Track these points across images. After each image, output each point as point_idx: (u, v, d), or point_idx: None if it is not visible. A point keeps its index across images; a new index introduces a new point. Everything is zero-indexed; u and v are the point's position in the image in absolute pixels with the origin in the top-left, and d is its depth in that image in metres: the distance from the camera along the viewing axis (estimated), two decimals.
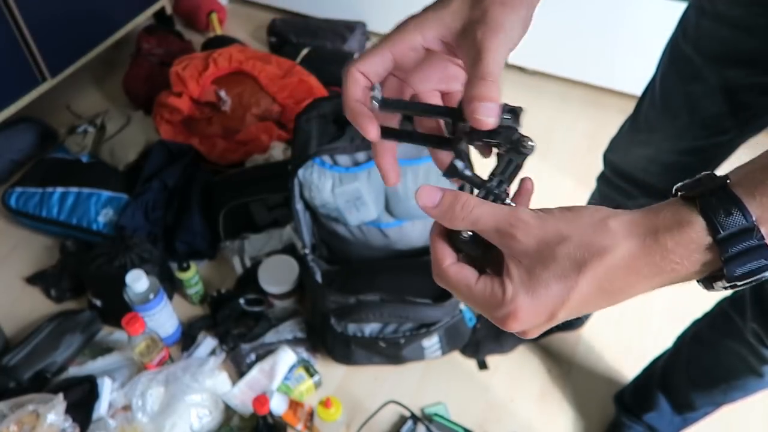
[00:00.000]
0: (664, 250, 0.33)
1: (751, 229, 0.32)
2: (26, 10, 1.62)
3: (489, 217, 0.36)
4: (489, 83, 0.37)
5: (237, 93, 1.82)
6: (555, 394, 1.39)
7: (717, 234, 0.32)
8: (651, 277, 0.34)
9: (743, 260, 0.32)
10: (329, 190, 1.24)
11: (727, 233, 0.32)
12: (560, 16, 1.95)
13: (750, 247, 0.32)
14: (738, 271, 0.32)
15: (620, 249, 0.33)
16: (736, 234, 0.32)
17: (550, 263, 0.34)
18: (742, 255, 0.32)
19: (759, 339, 0.88)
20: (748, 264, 0.32)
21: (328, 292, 1.25)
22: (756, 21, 0.70)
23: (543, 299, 0.34)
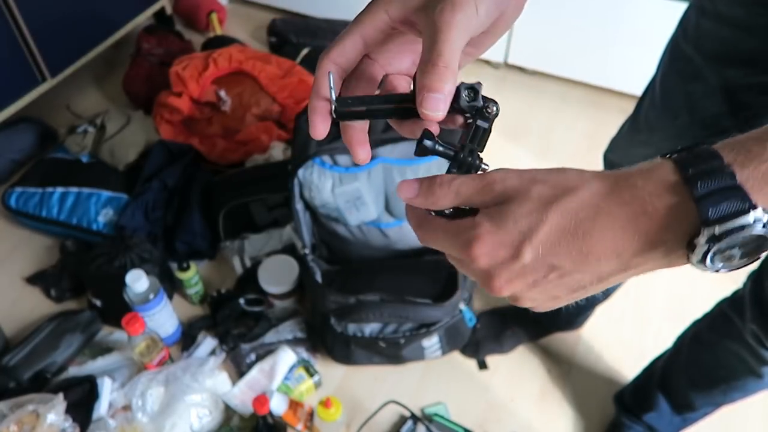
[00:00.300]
0: (634, 187, 0.32)
1: (721, 167, 0.31)
2: (26, 10, 1.62)
3: (469, 183, 0.36)
4: (439, 70, 0.35)
5: (237, 93, 1.82)
6: (555, 394, 1.39)
7: (686, 171, 0.31)
8: (623, 223, 0.32)
9: (716, 199, 0.31)
10: (329, 190, 1.24)
11: (696, 170, 0.31)
12: (560, 16, 1.95)
13: (722, 187, 0.31)
14: (712, 212, 0.31)
15: (591, 186, 0.33)
16: (705, 172, 0.31)
17: (522, 201, 0.34)
18: (714, 194, 0.31)
19: (758, 340, 0.88)
20: (722, 204, 0.31)
21: (328, 292, 1.25)
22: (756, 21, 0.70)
23: (510, 228, 0.34)
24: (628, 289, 1.36)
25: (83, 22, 1.83)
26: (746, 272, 0.93)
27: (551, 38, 2.02)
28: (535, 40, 2.06)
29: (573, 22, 1.94)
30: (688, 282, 1.60)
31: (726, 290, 1.01)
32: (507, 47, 2.10)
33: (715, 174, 0.31)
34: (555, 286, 0.36)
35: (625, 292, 1.42)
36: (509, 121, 2.03)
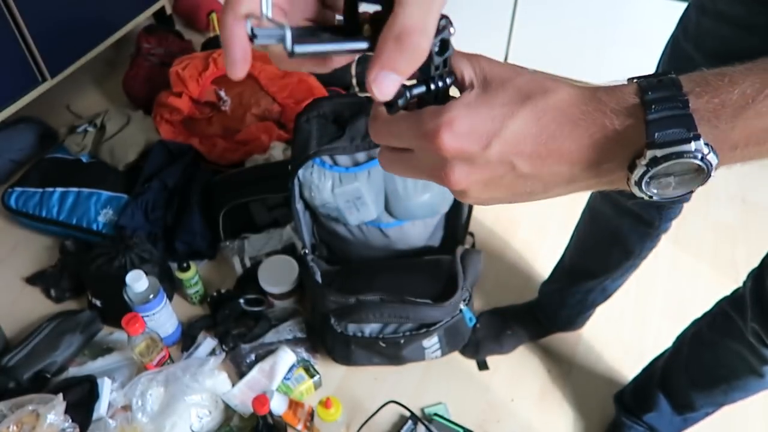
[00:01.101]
0: (598, 101, 0.33)
1: (676, 96, 0.32)
2: (26, 11, 1.62)
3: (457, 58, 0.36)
4: (408, 50, 0.31)
5: (237, 93, 1.82)
6: (555, 394, 1.39)
7: (645, 94, 0.33)
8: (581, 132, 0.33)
9: (665, 124, 0.32)
10: (329, 190, 1.24)
11: (653, 96, 0.32)
12: (560, 16, 1.95)
13: (673, 114, 0.32)
14: (658, 135, 0.32)
15: (562, 92, 0.34)
16: (661, 98, 0.32)
17: (499, 90, 0.34)
18: (665, 120, 0.32)
19: (759, 339, 0.88)
20: (669, 130, 0.32)
21: (328, 292, 1.25)
22: (757, 19, 0.70)
23: (481, 116, 0.34)
24: (628, 289, 1.36)
25: (83, 22, 1.83)
26: (747, 271, 0.93)
27: (551, 38, 2.02)
28: (535, 40, 2.06)
29: (573, 22, 1.94)
30: (688, 282, 1.59)
31: (726, 289, 1.01)
32: (507, 47, 2.10)
33: (669, 100, 0.32)
34: (505, 186, 0.36)
35: (625, 292, 1.42)
36: None
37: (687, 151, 0.32)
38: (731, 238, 1.70)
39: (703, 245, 1.68)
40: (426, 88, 0.36)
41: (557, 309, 1.40)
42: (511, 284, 1.58)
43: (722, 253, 1.66)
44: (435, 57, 0.35)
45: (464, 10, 2.04)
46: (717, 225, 1.73)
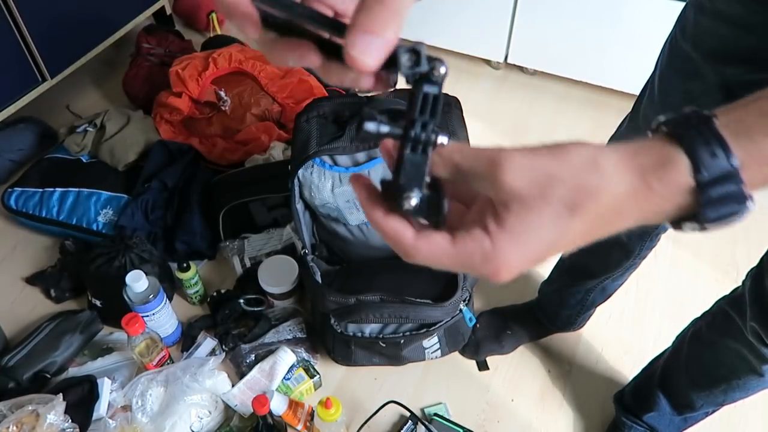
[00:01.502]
0: (650, 191, 0.32)
1: (733, 175, 0.32)
2: (26, 11, 1.62)
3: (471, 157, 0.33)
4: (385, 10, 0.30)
5: (237, 93, 1.82)
6: (555, 394, 1.39)
7: (700, 177, 0.32)
8: (633, 216, 0.33)
9: (719, 205, 0.32)
10: (329, 190, 1.24)
11: (710, 178, 0.32)
12: (560, 16, 1.95)
13: (728, 193, 0.32)
14: (712, 215, 0.32)
15: (610, 189, 0.32)
16: (718, 179, 0.32)
17: (543, 207, 0.32)
18: (720, 200, 0.32)
19: (759, 338, 0.88)
20: (722, 209, 0.32)
21: (328, 292, 1.25)
22: (755, 18, 0.69)
23: (535, 245, 0.33)
24: (628, 289, 1.36)
25: (83, 22, 1.83)
26: (746, 270, 0.93)
27: (551, 38, 2.02)
28: (535, 40, 2.06)
29: (573, 22, 1.94)
30: (688, 282, 1.59)
31: (726, 289, 1.01)
32: (507, 47, 2.10)
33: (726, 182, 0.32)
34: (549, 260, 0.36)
35: (625, 292, 1.42)
36: (509, 121, 2.03)
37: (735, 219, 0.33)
38: (731, 238, 1.70)
39: (703, 245, 1.68)
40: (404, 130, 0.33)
41: (557, 309, 1.40)
42: (511, 284, 1.57)
43: (722, 253, 1.66)
44: (404, 61, 0.32)
45: (464, 10, 2.04)
46: None
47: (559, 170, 0.32)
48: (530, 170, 0.32)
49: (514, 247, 0.32)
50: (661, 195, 0.32)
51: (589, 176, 0.32)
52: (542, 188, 0.32)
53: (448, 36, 2.15)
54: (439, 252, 0.34)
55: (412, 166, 0.33)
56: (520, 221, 0.32)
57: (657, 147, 0.33)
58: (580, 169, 0.32)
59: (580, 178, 0.32)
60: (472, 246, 0.33)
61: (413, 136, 0.33)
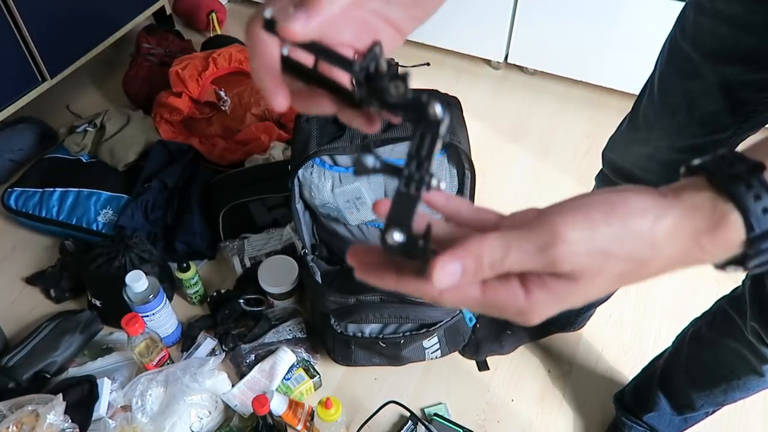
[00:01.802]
0: (701, 251, 0.33)
1: None
2: (26, 11, 1.62)
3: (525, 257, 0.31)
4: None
5: (237, 93, 1.82)
6: (555, 394, 1.39)
7: (752, 232, 0.32)
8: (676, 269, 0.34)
9: (763, 253, 0.33)
10: (329, 190, 1.24)
11: (760, 232, 0.32)
12: (560, 15, 1.95)
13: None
14: (756, 262, 0.33)
15: (663, 257, 0.33)
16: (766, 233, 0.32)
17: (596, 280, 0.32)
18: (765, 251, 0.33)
19: (759, 338, 0.88)
20: (765, 256, 0.33)
21: (328, 292, 1.25)
22: (754, 18, 0.69)
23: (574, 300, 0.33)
24: (628, 289, 1.36)
25: (83, 22, 1.83)
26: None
27: (551, 38, 2.02)
28: (535, 40, 2.06)
29: (573, 22, 1.94)
30: (688, 282, 1.59)
31: (726, 289, 1.01)
32: (507, 47, 2.10)
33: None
34: None
35: (625, 292, 1.42)
36: (509, 121, 2.03)
37: None
38: None
39: None
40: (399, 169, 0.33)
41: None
42: None
43: None
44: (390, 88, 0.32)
45: (464, 10, 2.04)
46: None
47: (616, 249, 0.32)
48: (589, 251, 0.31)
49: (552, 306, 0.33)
50: (711, 253, 0.33)
51: (645, 252, 0.32)
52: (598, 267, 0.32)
53: (448, 36, 2.15)
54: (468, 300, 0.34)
55: (403, 202, 0.33)
56: (568, 289, 0.32)
57: (708, 205, 0.33)
58: (637, 246, 0.32)
59: (635, 255, 0.32)
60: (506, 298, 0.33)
61: (408, 173, 0.33)
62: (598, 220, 0.32)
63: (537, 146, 1.95)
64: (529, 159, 1.90)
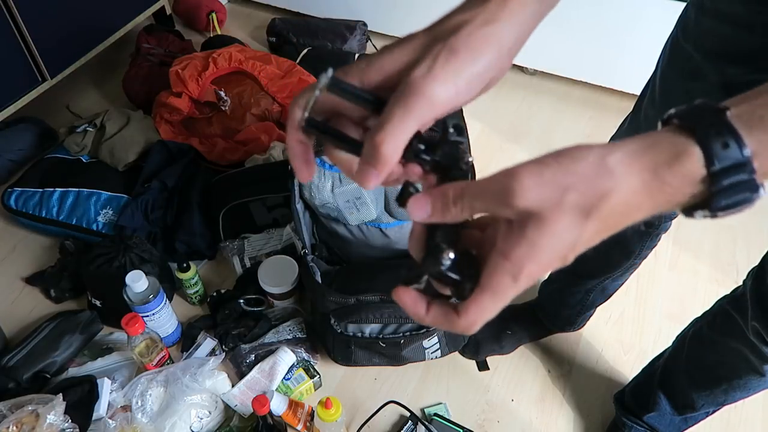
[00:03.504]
0: (662, 183, 0.33)
1: (744, 164, 0.33)
2: (26, 11, 1.62)
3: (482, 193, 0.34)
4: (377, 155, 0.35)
5: (237, 93, 1.82)
6: (555, 394, 1.39)
7: (712, 167, 0.32)
8: (646, 208, 0.34)
9: (731, 193, 0.33)
10: (329, 190, 1.24)
11: (721, 167, 0.32)
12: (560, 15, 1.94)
13: (740, 181, 0.33)
14: (723, 202, 0.33)
15: (622, 188, 0.33)
16: (729, 168, 0.32)
17: (559, 216, 0.33)
18: (731, 188, 0.33)
19: (760, 338, 0.88)
20: (733, 197, 0.33)
21: (328, 292, 1.25)
22: (756, 18, 0.69)
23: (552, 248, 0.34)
24: (628, 289, 1.36)
25: (83, 22, 1.83)
26: (747, 270, 0.93)
27: (551, 38, 2.02)
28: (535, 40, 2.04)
29: (573, 22, 1.94)
30: (688, 282, 1.59)
31: (726, 289, 1.01)
32: None
33: (737, 171, 0.33)
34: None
35: (625, 292, 1.42)
36: (509, 121, 2.03)
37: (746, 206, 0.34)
38: (731, 238, 1.69)
39: (703, 245, 1.68)
40: None
41: (557, 309, 1.40)
42: None
43: (722, 253, 1.66)
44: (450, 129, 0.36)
45: None
46: (717, 225, 1.72)
47: (569, 179, 0.33)
48: (541, 186, 0.33)
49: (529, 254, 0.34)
50: (674, 186, 0.33)
51: (601, 180, 0.33)
52: (556, 200, 0.33)
53: None
54: (487, 312, 0.36)
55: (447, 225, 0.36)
56: (537, 231, 0.33)
57: (668, 140, 0.34)
58: (591, 175, 0.33)
59: (591, 183, 0.33)
60: (490, 266, 0.35)
61: None
62: (548, 159, 0.33)
63: (537, 146, 1.95)
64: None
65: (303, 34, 2.16)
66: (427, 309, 0.38)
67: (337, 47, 2.14)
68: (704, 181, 0.33)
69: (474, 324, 0.36)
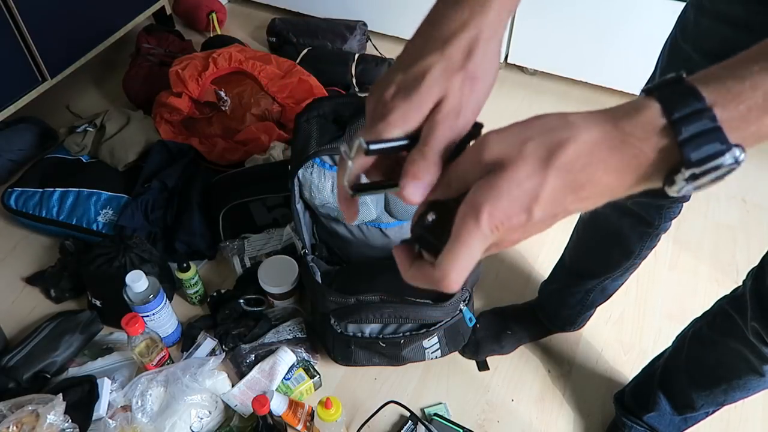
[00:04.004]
0: (623, 133, 0.33)
1: (703, 110, 0.33)
2: (26, 11, 1.62)
3: (463, 164, 0.37)
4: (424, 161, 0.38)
5: (237, 93, 1.82)
6: (555, 394, 1.39)
7: (671, 115, 0.33)
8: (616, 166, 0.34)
9: (698, 142, 0.32)
10: (329, 190, 1.24)
11: (680, 114, 0.33)
12: (560, 15, 1.95)
13: (704, 129, 0.32)
14: (694, 155, 0.32)
15: (582, 137, 0.34)
16: (688, 115, 0.32)
17: (518, 164, 0.34)
18: (697, 137, 0.32)
19: (760, 338, 0.88)
20: (704, 147, 0.32)
21: (328, 292, 1.25)
22: (755, 19, 0.69)
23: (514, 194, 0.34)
24: (628, 289, 1.36)
25: (83, 22, 1.83)
26: (747, 270, 0.93)
27: (551, 38, 2.02)
28: (535, 40, 2.06)
29: (573, 22, 1.94)
30: (688, 282, 1.59)
31: (726, 289, 1.01)
32: (507, 47, 2.10)
33: (698, 117, 0.33)
34: (546, 225, 0.37)
35: (625, 292, 1.42)
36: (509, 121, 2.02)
37: (724, 163, 0.33)
38: (731, 238, 1.70)
39: (703, 245, 1.68)
40: None
41: (557, 309, 1.40)
42: (511, 284, 1.58)
43: (722, 253, 1.66)
44: None
45: None
46: (717, 225, 1.73)
47: (530, 132, 0.35)
48: (505, 139, 0.35)
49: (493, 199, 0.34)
50: (636, 137, 0.33)
51: (560, 131, 0.34)
52: (516, 149, 0.34)
53: None
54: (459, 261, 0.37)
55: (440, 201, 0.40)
56: (496, 177, 0.34)
57: (629, 103, 0.35)
58: (551, 127, 0.35)
59: (550, 133, 0.34)
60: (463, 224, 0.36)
61: None
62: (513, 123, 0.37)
63: None
64: None
65: (303, 34, 2.16)
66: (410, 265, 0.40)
67: (337, 47, 2.14)
68: (668, 133, 0.33)
69: (447, 274, 0.36)
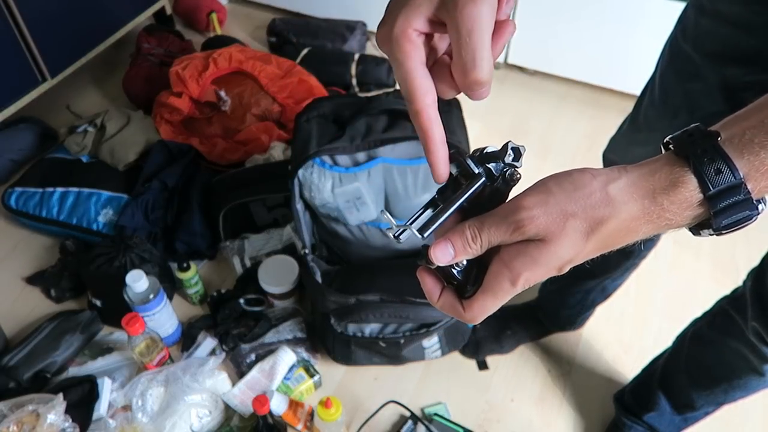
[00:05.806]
0: (661, 209, 0.36)
1: (738, 186, 0.35)
2: (26, 10, 1.62)
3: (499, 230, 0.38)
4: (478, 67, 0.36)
5: (237, 93, 1.82)
6: (555, 394, 1.39)
7: (707, 191, 0.35)
8: (646, 230, 0.37)
9: (729, 213, 0.36)
10: (329, 190, 1.24)
11: (716, 190, 0.35)
12: (560, 16, 1.95)
13: (736, 202, 0.35)
14: (724, 222, 0.36)
15: (622, 214, 0.36)
16: (724, 191, 0.35)
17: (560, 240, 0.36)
18: (728, 208, 0.35)
19: (760, 338, 0.88)
20: (733, 216, 0.36)
21: (328, 292, 1.25)
22: (755, 19, 0.69)
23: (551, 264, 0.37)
24: (628, 289, 1.36)
25: (83, 22, 1.83)
26: (747, 270, 0.93)
27: (551, 38, 2.02)
28: (535, 40, 2.06)
29: (573, 22, 1.94)
30: (688, 282, 1.59)
31: (726, 289, 1.01)
32: (507, 47, 2.10)
33: (733, 194, 0.35)
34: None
35: (625, 292, 1.42)
36: (509, 121, 2.03)
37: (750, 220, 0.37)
38: (731, 238, 1.70)
39: (703, 245, 1.68)
40: None
41: (557, 309, 1.40)
42: None
43: (722, 253, 1.66)
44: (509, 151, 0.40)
45: None
46: None
47: (572, 207, 0.36)
48: (547, 215, 0.36)
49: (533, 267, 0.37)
50: (672, 212, 0.36)
51: (601, 209, 0.36)
52: (560, 227, 0.36)
53: None
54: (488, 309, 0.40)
55: None
56: (540, 250, 0.37)
57: (665, 168, 0.36)
58: (593, 204, 0.36)
59: (591, 210, 0.36)
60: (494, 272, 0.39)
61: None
62: (552, 187, 0.37)
63: (537, 146, 1.95)
64: (529, 159, 1.88)
65: (303, 34, 2.16)
66: (439, 295, 0.42)
67: (337, 47, 2.14)
68: (702, 205, 0.35)
69: (476, 318, 0.41)
